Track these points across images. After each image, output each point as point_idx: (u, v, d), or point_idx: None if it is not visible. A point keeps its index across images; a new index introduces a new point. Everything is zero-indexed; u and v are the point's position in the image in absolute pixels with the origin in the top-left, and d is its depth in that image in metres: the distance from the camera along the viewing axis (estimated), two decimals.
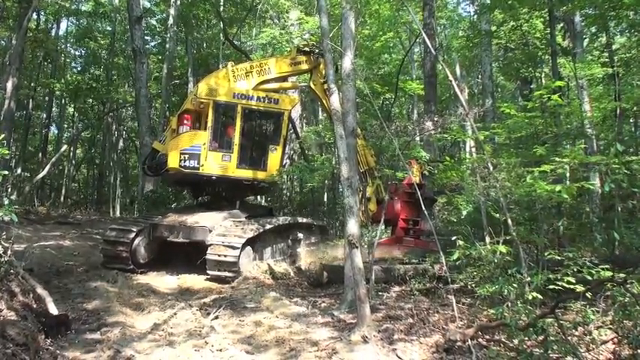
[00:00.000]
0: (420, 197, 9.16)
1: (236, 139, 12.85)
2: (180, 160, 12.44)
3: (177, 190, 19.06)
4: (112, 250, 11.58)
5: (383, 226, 11.60)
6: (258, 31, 24.05)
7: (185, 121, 12.88)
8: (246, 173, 12.98)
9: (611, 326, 6.07)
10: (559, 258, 6.72)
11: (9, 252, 7.11)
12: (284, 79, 14.52)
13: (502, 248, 6.95)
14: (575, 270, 6.37)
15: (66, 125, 36.66)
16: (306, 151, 21.08)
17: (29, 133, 32.51)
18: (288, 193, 21.44)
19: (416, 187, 10.35)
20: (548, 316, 5.87)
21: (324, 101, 13.54)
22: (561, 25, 18.40)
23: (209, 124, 12.65)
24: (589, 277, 6.28)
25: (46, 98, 32.60)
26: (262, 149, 13.29)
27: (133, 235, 11.64)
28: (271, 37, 21.33)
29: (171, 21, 24.79)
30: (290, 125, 16.21)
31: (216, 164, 12.65)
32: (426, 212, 9.98)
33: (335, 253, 13.02)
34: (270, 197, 20.58)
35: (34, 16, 26.52)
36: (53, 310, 7.13)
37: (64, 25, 33.53)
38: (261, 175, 13.10)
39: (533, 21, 19.03)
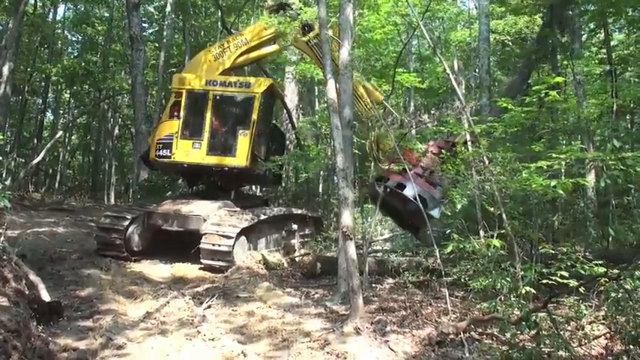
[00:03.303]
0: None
1: (206, 125, 12.82)
2: (156, 150, 12.74)
3: (173, 179, 19.01)
4: (106, 237, 11.55)
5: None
6: (256, 19, 23.88)
7: (175, 113, 12.97)
8: (216, 160, 12.83)
9: (603, 321, 6.11)
10: (553, 252, 6.73)
11: (2, 238, 7.08)
12: (263, 45, 14.15)
13: (496, 242, 6.97)
14: (569, 265, 6.38)
15: (61, 111, 36.43)
16: (302, 142, 21.01)
17: (24, 118, 32.32)
18: (283, 184, 21.39)
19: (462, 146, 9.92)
20: (541, 310, 5.90)
21: (313, 52, 13.22)
22: (559, 21, 18.34)
23: (181, 112, 12.79)
24: (582, 272, 6.30)
25: (42, 83, 32.34)
26: (232, 135, 13.03)
27: (127, 222, 11.60)
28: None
29: (169, 8, 24.61)
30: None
31: (186, 152, 12.69)
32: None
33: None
34: (265, 187, 20.54)
35: (31, 0, 26.30)
36: (46, 296, 7.11)
37: (61, 10, 33.30)
38: (230, 161, 12.76)
39: (533, 16, 18.98)
